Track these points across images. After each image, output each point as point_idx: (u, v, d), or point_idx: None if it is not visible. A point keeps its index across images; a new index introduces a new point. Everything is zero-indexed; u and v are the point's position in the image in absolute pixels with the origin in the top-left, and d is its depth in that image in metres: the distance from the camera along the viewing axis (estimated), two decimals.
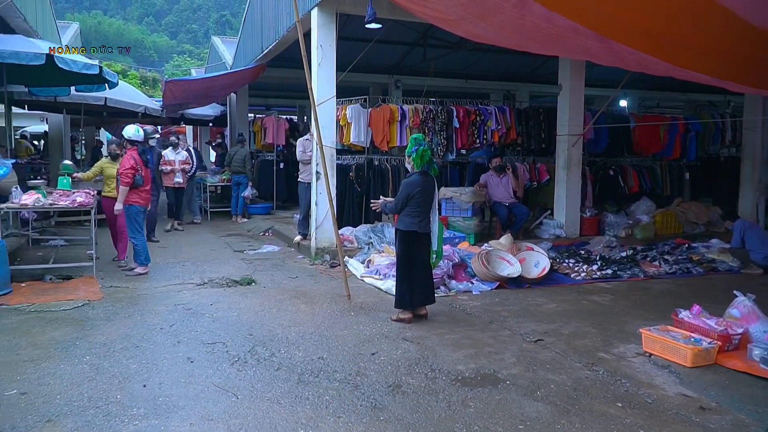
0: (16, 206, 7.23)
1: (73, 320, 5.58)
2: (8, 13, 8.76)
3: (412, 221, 5.53)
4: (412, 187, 5.50)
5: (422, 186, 5.50)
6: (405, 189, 5.54)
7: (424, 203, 5.52)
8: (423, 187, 5.50)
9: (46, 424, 3.56)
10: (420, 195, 5.48)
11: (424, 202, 5.52)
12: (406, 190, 5.52)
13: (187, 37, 70.58)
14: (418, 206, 5.50)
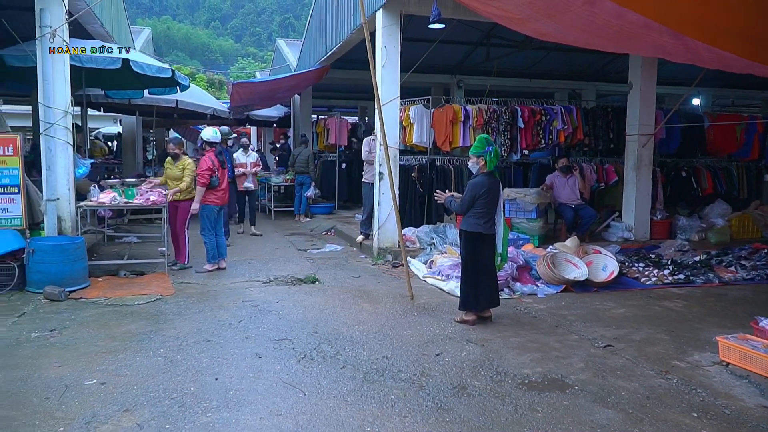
0: (94, 204, 7.60)
1: (147, 314, 5.81)
2: (86, 20, 9.18)
3: (477, 222, 5.49)
4: (478, 188, 5.47)
5: (488, 187, 5.47)
6: (471, 190, 5.51)
7: (489, 204, 5.49)
8: (489, 188, 5.47)
9: (124, 413, 3.72)
10: (486, 196, 5.45)
11: (489, 204, 5.48)
12: (473, 191, 5.49)
13: (251, 40, 72.37)
14: (484, 207, 5.46)
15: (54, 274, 6.48)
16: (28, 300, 6.23)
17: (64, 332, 5.20)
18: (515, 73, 14.51)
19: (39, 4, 7.20)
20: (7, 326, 5.33)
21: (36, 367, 4.39)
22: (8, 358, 4.57)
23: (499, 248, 5.64)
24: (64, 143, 7.31)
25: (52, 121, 7.22)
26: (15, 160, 7.38)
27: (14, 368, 4.36)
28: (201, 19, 77.70)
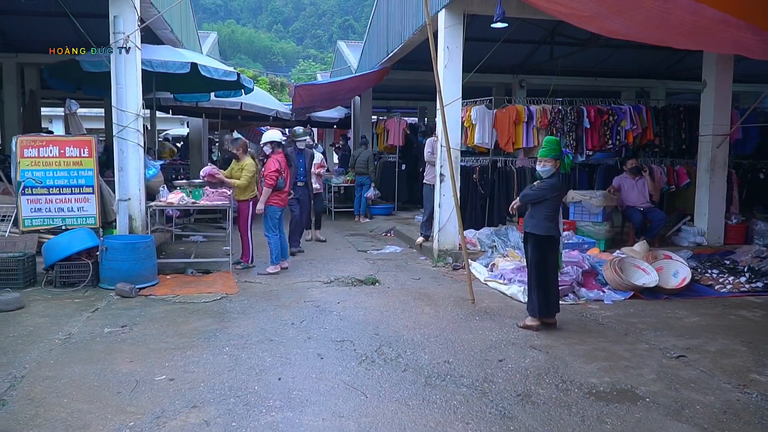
0: (163, 204, 7.86)
1: (213, 312, 5.95)
2: (157, 26, 9.52)
3: (550, 225, 5.37)
4: (555, 189, 5.39)
5: (561, 190, 5.50)
6: (547, 191, 5.37)
7: (556, 207, 5.43)
8: (561, 192, 5.52)
9: (192, 409, 3.81)
10: (557, 198, 5.43)
11: (556, 206, 5.44)
12: (551, 191, 5.37)
13: (312, 42, 73.45)
14: (554, 210, 5.38)
15: (125, 272, 6.73)
16: (102, 296, 6.49)
17: (134, 328, 5.39)
18: (580, 72, 14.13)
19: (113, 11, 7.51)
20: (82, 321, 5.57)
21: (108, 362, 4.56)
22: (83, 352, 4.76)
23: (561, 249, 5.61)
24: (135, 145, 7.59)
25: (124, 123, 7.51)
26: (90, 161, 7.74)
27: (88, 362, 4.55)
28: (264, 22, 79.42)
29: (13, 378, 4.22)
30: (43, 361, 4.55)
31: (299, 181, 9.07)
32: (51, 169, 7.60)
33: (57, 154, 7.60)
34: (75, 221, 7.66)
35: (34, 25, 12.74)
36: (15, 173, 7.60)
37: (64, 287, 6.74)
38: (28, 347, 4.84)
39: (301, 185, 9.10)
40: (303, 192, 9.17)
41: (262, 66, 57.91)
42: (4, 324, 5.43)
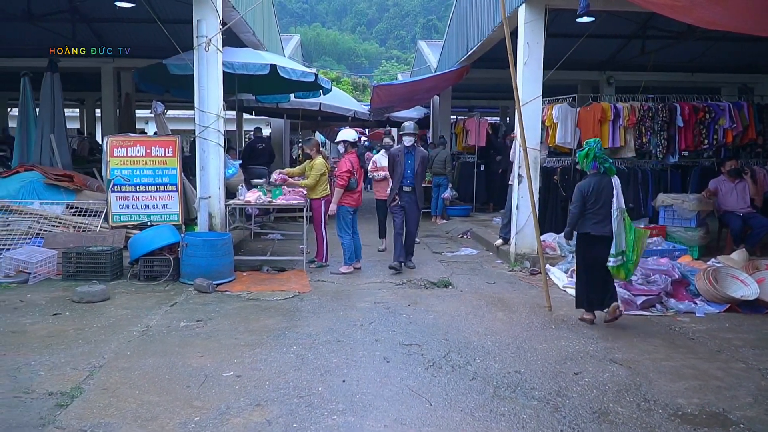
0: (241, 203, 8.04)
1: (284, 310, 5.99)
2: (239, 29, 9.77)
3: (584, 223, 5.51)
4: (584, 189, 5.51)
5: (595, 187, 5.43)
6: (575, 195, 5.56)
7: (597, 204, 5.41)
8: (597, 189, 5.42)
9: (255, 407, 3.81)
10: (594, 196, 5.43)
11: (597, 203, 5.41)
12: (576, 196, 5.55)
13: (395, 43, 73.85)
14: (594, 207, 5.44)
15: (204, 268, 6.92)
16: (181, 290, 6.70)
17: (208, 323, 5.51)
18: (674, 67, 13.31)
19: (197, 16, 7.75)
20: (161, 314, 5.76)
21: (181, 356, 4.66)
22: (159, 345, 4.90)
23: (613, 249, 5.34)
24: (216, 145, 7.80)
25: (206, 124, 7.73)
26: (174, 160, 8.04)
27: (163, 355, 4.67)
28: (348, 24, 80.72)
29: (92, 367, 4.39)
30: (121, 352, 4.71)
31: (405, 185, 7.91)
32: (138, 168, 7.96)
33: (143, 154, 7.95)
34: (159, 218, 7.98)
35: (129, 31, 13.46)
36: (105, 171, 8.01)
37: (147, 281, 7.01)
38: (109, 338, 5.04)
39: (407, 190, 7.91)
40: (409, 199, 7.92)
41: (345, 67, 58.82)
42: (90, 314, 5.70)
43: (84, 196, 8.77)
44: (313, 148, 8.19)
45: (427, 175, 12.93)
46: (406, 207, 7.89)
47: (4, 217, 8.20)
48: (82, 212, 8.34)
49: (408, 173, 7.91)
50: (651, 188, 8.97)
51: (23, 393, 3.95)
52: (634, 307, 5.98)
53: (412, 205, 7.93)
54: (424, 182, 8.66)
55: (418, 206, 8.01)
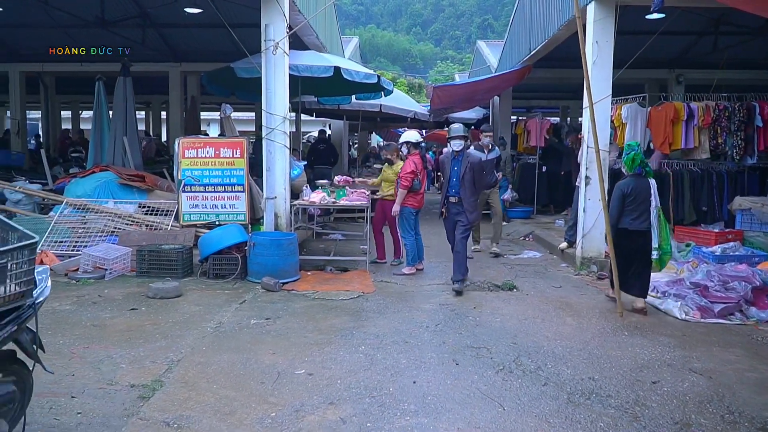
0: (306, 203, 8.16)
1: (350, 310, 6.05)
2: (303, 31, 9.93)
3: (622, 219, 5.99)
4: (624, 188, 6.02)
5: (634, 187, 5.94)
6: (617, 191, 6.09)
7: (635, 202, 5.91)
8: (635, 189, 5.93)
9: (329, 406, 3.85)
10: (632, 195, 5.93)
11: (635, 201, 5.91)
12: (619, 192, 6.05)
13: (450, 43, 73.53)
14: (631, 205, 5.92)
15: (270, 267, 7.05)
16: (249, 289, 6.85)
17: (277, 321, 5.61)
18: (749, 64, 12.71)
19: (264, 20, 7.91)
20: (231, 311, 5.91)
21: (254, 352, 4.77)
22: (232, 342, 5.03)
23: (654, 242, 5.87)
24: (281, 146, 7.94)
25: (273, 126, 7.89)
26: (241, 161, 8.24)
27: (236, 351, 4.79)
28: (403, 25, 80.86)
29: (170, 361, 4.55)
30: (197, 347, 4.86)
31: (450, 196, 6.99)
32: (207, 169, 8.19)
33: (213, 155, 8.18)
34: (227, 217, 8.19)
35: (196, 36, 13.90)
36: (176, 172, 8.28)
37: (216, 278, 7.21)
38: (184, 333, 5.21)
39: (453, 201, 6.96)
40: (457, 211, 6.96)
41: (400, 68, 58.90)
42: (165, 310, 5.90)
43: (155, 195, 9.10)
44: (393, 153, 8.23)
45: None
46: (457, 220, 6.98)
47: (82, 215, 8.60)
48: (154, 211, 8.65)
49: (453, 181, 6.97)
50: (727, 191, 8.61)
51: (107, 384, 4.13)
52: (712, 314, 5.75)
53: (461, 218, 6.95)
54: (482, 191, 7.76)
55: (468, 218, 6.94)
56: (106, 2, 11.72)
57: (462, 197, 6.86)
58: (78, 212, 8.64)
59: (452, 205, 6.99)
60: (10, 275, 2.87)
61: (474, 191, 6.93)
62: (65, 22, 12.60)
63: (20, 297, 2.96)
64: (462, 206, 6.89)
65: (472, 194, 6.89)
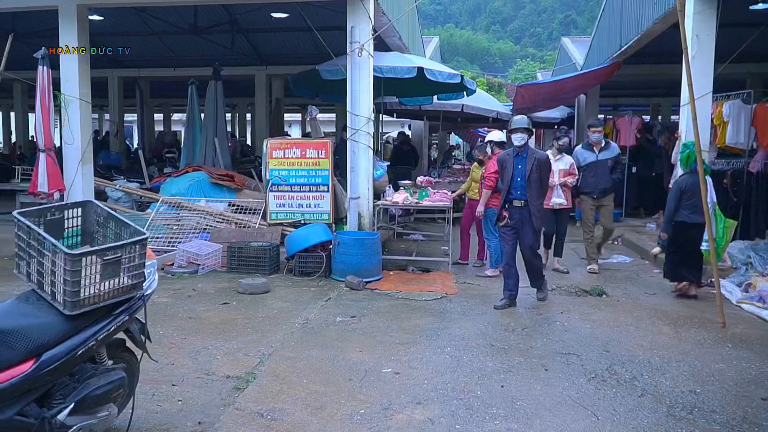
0: (389, 203, 8.21)
1: (434, 311, 6.03)
2: (386, 33, 9.99)
3: (682, 212, 6.42)
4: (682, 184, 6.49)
5: (690, 183, 6.36)
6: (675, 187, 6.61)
7: (692, 197, 6.29)
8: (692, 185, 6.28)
9: (416, 405, 3.86)
10: (689, 191, 6.34)
11: (691, 197, 6.30)
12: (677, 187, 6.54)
13: (531, 41, 72.01)
14: (688, 200, 6.36)
15: (354, 265, 7.15)
16: (333, 287, 6.97)
17: (362, 320, 5.68)
18: None
19: (350, 23, 8.02)
20: (317, 309, 6.03)
21: (340, 350, 4.84)
22: (319, 338, 5.13)
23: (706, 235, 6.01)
24: (365, 147, 8.03)
25: (357, 127, 7.99)
26: (326, 162, 8.39)
27: (323, 348, 4.88)
28: (482, 24, 79.93)
29: (262, 355, 4.70)
30: (286, 342, 4.99)
31: (513, 198, 6.24)
32: (294, 169, 8.40)
33: (299, 155, 8.38)
34: (312, 216, 8.37)
35: (281, 40, 14.32)
36: (264, 172, 8.54)
37: (302, 276, 7.38)
38: (274, 328, 5.36)
39: (517, 205, 6.21)
40: (520, 216, 6.20)
41: (479, 67, 58.32)
42: (254, 305, 6.10)
43: (243, 195, 9.44)
44: (486, 154, 8.15)
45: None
46: (517, 227, 6.24)
47: (176, 213, 9.04)
48: (242, 209, 8.97)
49: (517, 182, 6.18)
50: None
51: (205, 374, 4.31)
52: None
53: (525, 225, 6.18)
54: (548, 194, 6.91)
55: (533, 226, 6.17)
56: (199, 10, 12.29)
57: (528, 200, 6.12)
58: (173, 210, 9.09)
59: (516, 210, 6.22)
60: (123, 268, 3.06)
61: (541, 193, 6.29)
62: (160, 29, 13.32)
63: (132, 289, 3.15)
64: (528, 211, 6.14)
65: (539, 196, 6.22)
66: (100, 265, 2.95)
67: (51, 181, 8.46)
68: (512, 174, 6.23)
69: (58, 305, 2.92)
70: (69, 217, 3.31)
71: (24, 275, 3.10)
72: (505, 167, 6.34)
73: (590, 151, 7.91)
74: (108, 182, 10.61)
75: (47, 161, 8.43)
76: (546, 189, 6.53)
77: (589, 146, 7.96)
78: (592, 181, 7.80)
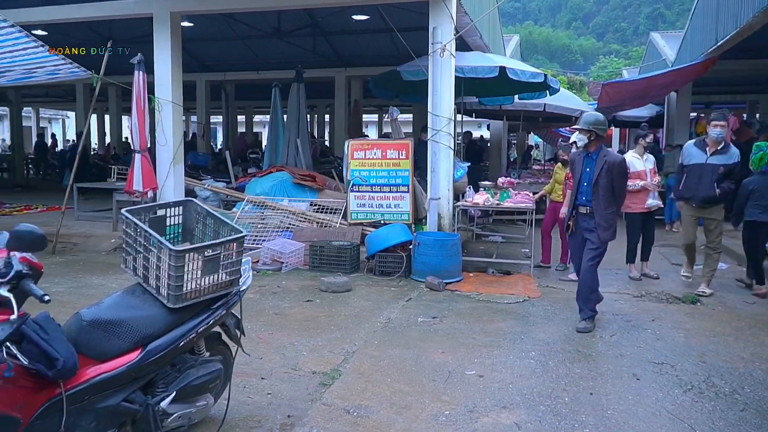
0: (470, 204, 8.14)
1: (516, 314, 5.93)
2: (468, 33, 9.92)
3: (753, 212, 6.64)
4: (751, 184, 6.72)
5: (759, 183, 6.64)
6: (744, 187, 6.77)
7: (761, 198, 6.57)
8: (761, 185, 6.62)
9: (502, 409, 3.81)
10: (757, 191, 6.61)
11: (761, 196, 6.57)
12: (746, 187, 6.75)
13: (614, 37, 69.47)
14: (757, 200, 6.61)
15: (434, 266, 7.15)
16: (413, 287, 6.99)
17: (444, 321, 5.67)
18: None
19: (432, 23, 8.03)
20: (398, 308, 6.07)
21: (423, 350, 4.85)
22: (401, 338, 5.17)
23: None
24: (446, 148, 8.01)
25: (438, 127, 7.97)
26: (407, 162, 8.44)
27: (406, 347, 4.91)
28: (562, 20, 77.92)
29: (346, 352, 4.78)
30: (369, 341, 5.06)
31: (579, 204, 5.62)
32: (374, 169, 8.50)
33: (380, 156, 8.47)
34: (392, 217, 8.43)
35: (360, 42, 14.53)
36: (346, 172, 8.68)
37: (382, 275, 7.45)
38: (356, 327, 5.45)
39: (583, 212, 5.58)
40: (587, 226, 5.55)
41: (558, 65, 56.83)
42: (337, 303, 6.22)
43: (324, 194, 9.62)
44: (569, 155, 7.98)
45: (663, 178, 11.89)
46: (589, 239, 5.53)
47: (261, 212, 9.34)
48: (323, 209, 9.15)
49: (584, 187, 5.53)
50: None
51: (292, 369, 4.43)
52: None
53: (590, 235, 5.51)
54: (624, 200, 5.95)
55: (599, 237, 5.43)
56: (282, 14, 12.66)
57: (594, 208, 5.44)
58: (257, 209, 9.40)
59: (582, 218, 5.58)
60: (222, 265, 3.19)
61: (611, 201, 5.43)
62: (245, 33, 13.83)
63: (229, 285, 3.28)
64: (593, 220, 5.47)
65: (607, 205, 5.41)
66: (201, 262, 3.10)
67: (145, 180, 8.96)
68: (580, 177, 5.60)
69: (162, 299, 3.08)
70: (171, 215, 3.49)
71: (130, 269, 3.29)
72: (574, 168, 5.75)
73: (701, 151, 6.65)
74: (197, 182, 11.10)
75: (142, 162, 8.93)
76: (620, 197, 5.57)
77: (702, 144, 6.71)
78: (692, 186, 6.69)
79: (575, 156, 5.82)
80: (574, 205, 5.68)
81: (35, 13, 9.65)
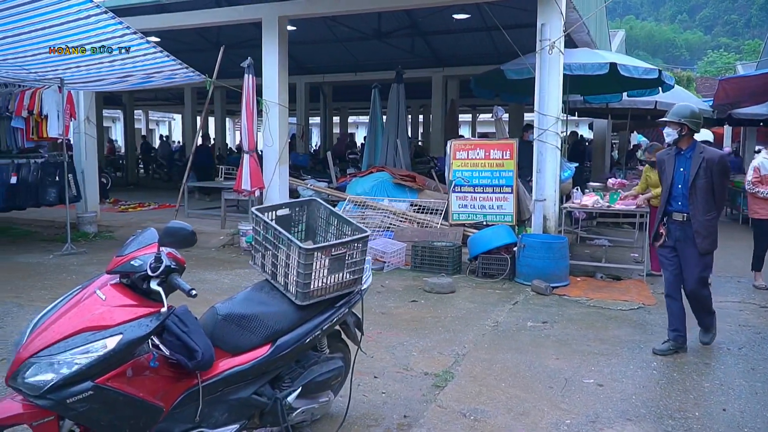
0: (577, 206, 7.86)
1: (632, 321, 5.67)
2: (576, 29, 9.59)
3: None
4: None
5: None
6: None
7: None
8: None
9: (626, 422, 3.64)
10: None
11: None
12: None
13: (724, 30, 65.02)
14: None
15: (540, 269, 6.96)
16: (518, 290, 6.84)
17: (554, 326, 5.50)
18: None
19: (540, 20, 7.82)
20: (505, 312, 5.96)
21: (536, 355, 4.73)
22: (511, 342, 5.06)
23: None
24: (553, 148, 7.78)
25: (545, 127, 7.76)
26: (511, 163, 8.29)
27: (517, 352, 4.80)
28: (666, 14, 73.90)
29: (456, 355, 4.74)
30: (478, 344, 4.99)
31: (674, 210, 4.83)
32: (477, 170, 8.41)
33: (483, 156, 8.36)
34: (494, 218, 8.31)
35: (458, 41, 14.41)
36: (448, 173, 8.64)
37: (485, 277, 7.34)
38: (464, 329, 5.39)
39: (678, 219, 4.80)
40: (683, 235, 4.78)
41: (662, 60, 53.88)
42: (442, 305, 6.19)
43: (425, 195, 9.63)
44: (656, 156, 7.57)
45: None
46: (678, 248, 4.84)
47: (362, 211, 9.47)
48: (423, 209, 9.15)
49: (678, 189, 4.80)
50: None
51: (403, 369, 4.45)
52: None
53: (688, 247, 4.76)
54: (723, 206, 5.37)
55: (697, 247, 4.71)
56: (382, 16, 12.79)
57: (691, 214, 4.72)
58: (358, 208, 9.54)
59: (675, 226, 4.83)
60: (346, 264, 3.24)
61: (711, 205, 4.71)
62: (345, 36, 14.09)
63: (352, 284, 3.33)
64: (690, 228, 4.73)
65: (707, 210, 4.69)
66: (327, 260, 3.16)
67: (253, 179, 9.31)
68: (672, 179, 4.84)
69: (290, 295, 3.16)
70: (295, 214, 3.59)
71: (259, 266, 3.40)
72: (663, 170, 4.94)
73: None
74: (300, 181, 11.43)
75: (250, 162, 9.29)
76: (721, 200, 4.85)
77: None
78: None
79: (663, 156, 5.03)
80: (665, 211, 4.93)
81: (151, 21, 10.22)
